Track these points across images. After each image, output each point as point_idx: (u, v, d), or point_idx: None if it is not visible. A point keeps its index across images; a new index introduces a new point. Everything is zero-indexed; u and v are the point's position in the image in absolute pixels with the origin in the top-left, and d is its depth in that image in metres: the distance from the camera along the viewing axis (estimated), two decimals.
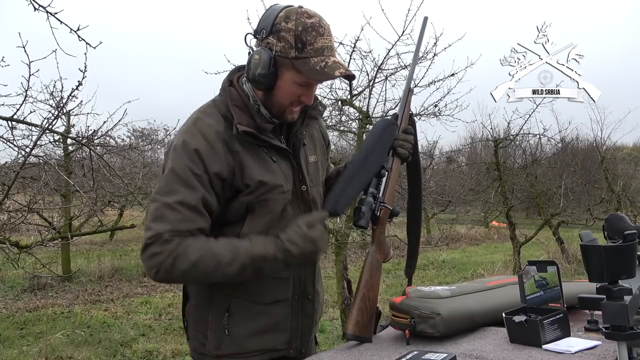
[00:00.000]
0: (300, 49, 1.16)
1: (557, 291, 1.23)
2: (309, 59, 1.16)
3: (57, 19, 2.72)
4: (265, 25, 1.18)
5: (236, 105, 1.22)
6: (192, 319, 1.32)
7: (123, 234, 11.47)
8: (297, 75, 1.18)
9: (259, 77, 1.18)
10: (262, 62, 1.16)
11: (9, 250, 3.44)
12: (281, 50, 1.16)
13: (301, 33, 1.15)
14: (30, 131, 4.54)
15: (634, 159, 13.91)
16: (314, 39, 1.16)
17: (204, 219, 1.18)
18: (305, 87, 1.22)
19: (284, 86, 1.20)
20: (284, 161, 1.27)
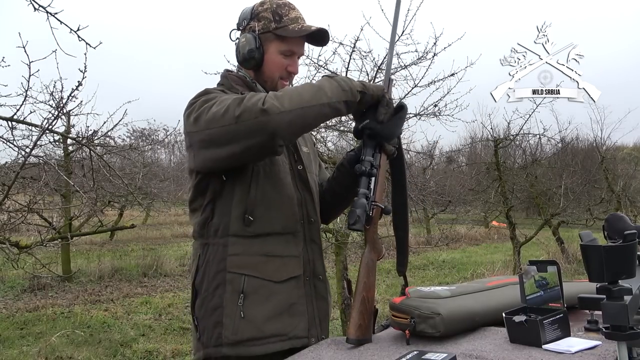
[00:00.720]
0: (278, 20, 1.33)
1: (557, 291, 1.23)
2: (287, 26, 1.33)
3: (57, 19, 2.72)
4: (245, 16, 1.37)
5: (239, 84, 1.37)
6: (203, 313, 1.30)
7: (123, 234, 11.48)
8: (281, 44, 1.34)
9: (248, 53, 1.33)
10: (248, 40, 1.33)
11: (9, 250, 3.44)
12: (263, 27, 1.33)
13: (276, 8, 1.34)
14: (30, 131, 4.55)
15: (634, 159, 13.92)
16: (288, 11, 1.35)
17: None
18: (290, 57, 1.36)
19: (271, 58, 1.35)
20: None
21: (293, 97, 1.15)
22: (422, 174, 9.36)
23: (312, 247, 1.38)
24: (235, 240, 1.28)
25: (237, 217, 1.28)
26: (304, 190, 1.38)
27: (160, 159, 19.50)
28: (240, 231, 1.28)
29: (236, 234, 1.28)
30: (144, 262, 7.95)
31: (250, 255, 1.27)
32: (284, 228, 1.31)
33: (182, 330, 4.91)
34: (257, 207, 1.28)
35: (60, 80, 3.76)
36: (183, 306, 5.84)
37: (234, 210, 1.28)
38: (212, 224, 1.30)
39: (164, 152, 22.61)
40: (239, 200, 1.28)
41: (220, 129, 1.16)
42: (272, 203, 1.30)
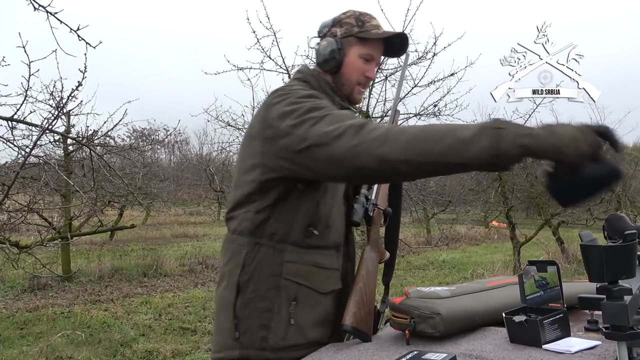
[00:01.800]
0: (361, 25, 1.36)
1: (557, 291, 1.23)
2: (369, 31, 1.36)
3: (57, 18, 2.73)
4: (326, 24, 1.40)
5: (327, 88, 1.36)
6: (248, 314, 1.25)
7: (123, 234, 11.48)
8: (362, 47, 1.36)
9: (330, 53, 1.34)
10: (329, 43, 1.35)
11: (9, 250, 3.44)
12: (345, 31, 1.36)
13: (359, 16, 1.38)
14: (30, 131, 4.55)
15: (634, 159, 13.91)
16: (370, 19, 1.38)
17: None
18: (369, 62, 1.38)
19: (351, 61, 1.36)
20: None
21: (421, 147, 1.01)
22: None
23: (347, 262, 1.40)
24: (293, 249, 1.27)
25: (300, 228, 1.27)
26: (347, 204, 1.39)
27: (160, 159, 19.52)
28: (300, 241, 1.27)
29: (295, 243, 1.27)
30: (144, 262, 7.94)
31: (304, 265, 1.28)
32: (334, 242, 1.33)
33: (182, 330, 4.91)
34: (321, 222, 1.29)
35: (60, 80, 3.78)
36: (183, 306, 5.85)
37: (298, 221, 1.27)
38: (269, 226, 1.27)
39: (164, 152, 22.64)
40: (306, 212, 1.27)
41: (328, 150, 1.08)
42: (331, 219, 1.31)
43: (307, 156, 1.13)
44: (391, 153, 1.03)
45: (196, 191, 16.23)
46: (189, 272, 7.97)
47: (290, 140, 1.14)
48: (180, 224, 14.88)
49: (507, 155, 0.97)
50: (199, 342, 4.53)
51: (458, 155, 0.99)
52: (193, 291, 6.69)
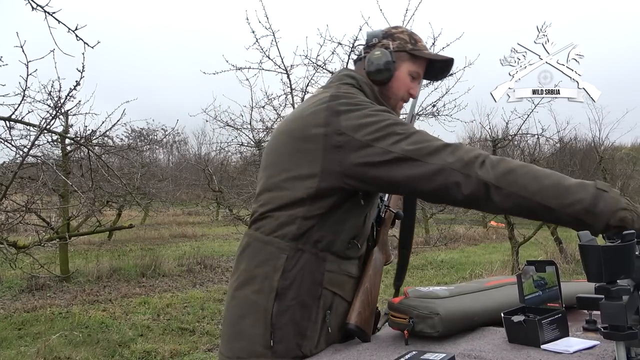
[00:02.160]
0: (414, 43, 1.39)
1: (555, 291, 1.23)
2: (422, 50, 1.40)
3: (55, 18, 2.72)
4: (375, 35, 1.41)
5: (376, 97, 1.37)
6: (286, 321, 1.20)
7: (121, 234, 11.46)
8: (413, 65, 1.38)
9: (385, 64, 1.34)
10: (384, 54, 1.35)
11: (7, 250, 3.43)
12: (398, 45, 1.38)
13: (412, 34, 1.41)
14: (28, 131, 4.53)
15: (632, 159, 13.95)
16: (420, 40, 1.42)
17: None
18: (415, 80, 1.40)
19: (401, 77, 1.38)
20: None
21: (519, 179, 1.04)
22: None
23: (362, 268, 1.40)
24: (334, 259, 1.26)
25: (345, 240, 1.26)
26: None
27: (159, 159, 19.50)
28: (341, 252, 1.27)
29: (336, 253, 1.26)
30: (142, 262, 7.93)
31: (341, 274, 1.28)
32: (359, 252, 1.34)
33: (181, 331, 4.90)
34: (363, 235, 1.31)
35: (58, 80, 3.77)
36: (181, 306, 5.84)
37: (345, 232, 1.26)
38: (315, 234, 1.23)
39: (163, 152, 22.61)
40: (353, 225, 1.27)
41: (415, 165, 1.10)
42: (365, 231, 1.33)
43: (384, 170, 1.13)
44: (485, 175, 1.05)
45: (194, 191, 16.21)
46: (187, 272, 7.96)
47: (368, 153, 1.14)
48: (179, 224, 14.86)
49: (601, 218, 1.00)
50: (197, 343, 4.53)
51: (555, 197, 1.02)
52: (191, 291, 6.69)
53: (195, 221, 16.36)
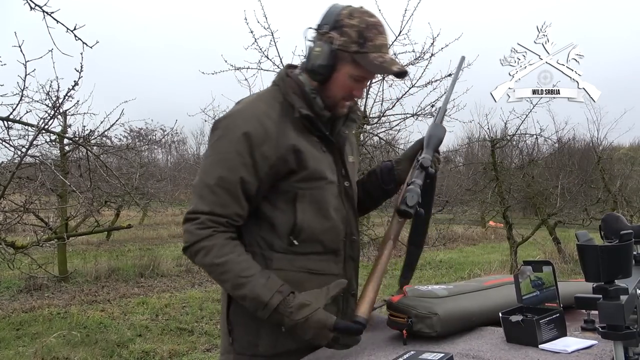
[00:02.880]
0: (362, 44, 1.22)
1: (553, 291, 1.23)
2: (369, 54, 1.22)
3: (54, 18, 2.72)
4: (328, 21, 1.24)
5: (295, 93, 1.28)
6: (240, 320, 1.27)
7: (120, 234, 11.44)
8: (355, 69, 1.24)
9: (318, 67, 1.24)
10: (323, 54, 1.23)
11: (5, 250, 3.43)
12: (343, 44, 1.22)
13: (364, 30, 1.22)
14: (26, 131, 4.52)
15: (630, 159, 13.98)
16: (375, 36, 1.23)
17: (241, 204, 1.22)
18: (359, 82, 1.28)
19: (340, 79, 1.26)
20: (331, 154, 1.32)
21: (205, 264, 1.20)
22: None
23: (350, 264, 1.36)
24: (280, 256, 1.25)
25: (282, 237, 1.26)
26: (349, 208, 1.35)
27: (157, 159, 19.48)
28: (284, 249, 1.26)
29: (280, 251, 1.26)
30: (140, 262, 7.92)
31: (294, 271, 1.25)
32: (326, 248, 1.30)
33: (179, 331, 4.90)
34: (304, 231, 1.26)
35: (56, 80, 3.77)
36: (180, 307, 5.83)
37: (279, 230, 1.26)
38: (255, 233, 1.27)
39: (161, 152, 22.61)
40: (283, 222, 1.25)
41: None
42: (317, 227, 1.27)
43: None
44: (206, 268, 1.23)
45: None
46: (186, 273, 7.95)
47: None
48: (177, 224, 14.80)
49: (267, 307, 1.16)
50: (195, 343, 4.52)
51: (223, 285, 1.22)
52: (190, 291, 6.68)
53: None
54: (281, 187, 1.25)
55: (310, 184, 1.26)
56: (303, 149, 1.24)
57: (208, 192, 1.20)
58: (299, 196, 1.24)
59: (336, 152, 1.33)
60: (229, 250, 1.18)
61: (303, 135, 1.26)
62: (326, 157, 1.30)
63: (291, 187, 1.25)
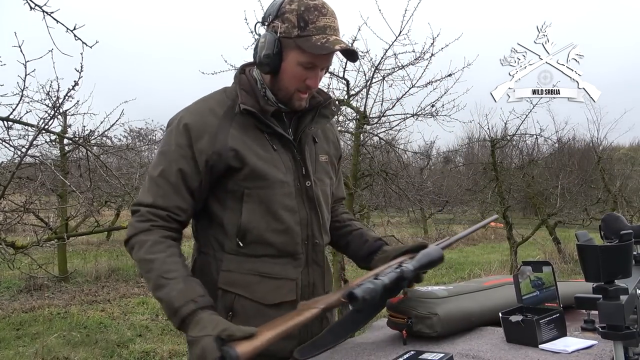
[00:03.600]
0: (303, 27, 1.17)
1: (552, 291, 1.23)
2: (311, 37, 1.16)
3: (53, 18, 2.72)
4: (272, 10, 1.21)
5: (243, 88, 1.25)
6: None
7: (120, 234, 11.42)
8: (301, 55, 1.18)
9: (264, 58, 1.19)
10: (267, 43, 1.18)
11: (5, 250, 3.42)
12: (285, 31, 1.18)
13: (303, 12, 1.17)
14: (26, 131, 4.52)
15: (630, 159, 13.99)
16: (316, 18, 1.17)
17: (182, 196, 1.19)
18: (310, 70, 1.21)
19: (289, 68, 1.20)
20: (286, 152, 1.26)
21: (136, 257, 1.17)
22: (420, 174, 9.37)
23: (314, 269, 1.29)
24: (231, 257, 1.22)
25: (231, 238, 1.22)
26: (310, 209, 1.27)
27: None
28: (235, 251, 1.22)
29: (230, 252, 1.23)
30: None
31: (242, 274, 1.21)
32: (280, 250, 1.23)
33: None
34: (250, 232, 1.21)
35: (56, 80, 3.77)
36: None
37: (228, 231, 1.22)
38: (209, 234, 1.26)
39: None
40: (231, 222, 1.22)
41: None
42: (266, 227, 1.21)
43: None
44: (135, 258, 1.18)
45: None
46: None
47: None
48: None
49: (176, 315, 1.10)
50: None
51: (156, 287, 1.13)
52: None
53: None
54: (229, 186, 1.21)
55: (255, 183, 1.20)
56: (241, 147, 1.19)
57: (152, 184, 1.20)
58: (245, 195, 1.21)
59: (294, 150, 1.26)
60: (161, 249, 1.14)
61: (250, 133, 1.22)
62: (278, 155, 1.24)
63: (237, 185, 1.21)
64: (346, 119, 5.08)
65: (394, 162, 5.96)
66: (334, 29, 1.20)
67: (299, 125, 1.30)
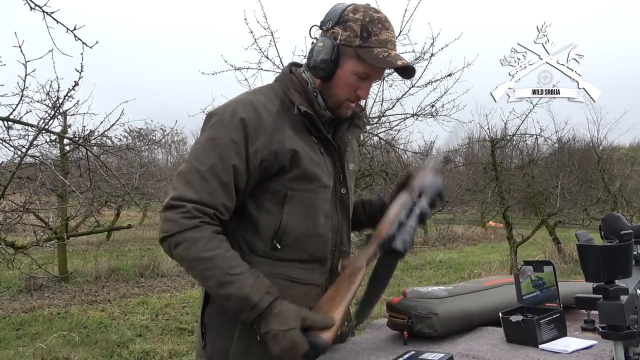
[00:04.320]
0: (365, 38, 1.17)
1: (553, 291, 1.23)
2: (373, 49, 1.17)
3: (54, 18, 2.72)
4: (333, 17, 1.21)
5: (296, 89, 1.24)
6: (214, 323, 1.23)
7: (120, 234, 11.44)
8: (359, 65, 1.19)
9: (320, 62, 1.18)
10: (325, 48, 1.18)
11: (5, 251, 3.43)
12: (346, 39, 1.18)
13: (368, 23, 1.18)
14: (26, 131, 4.52)
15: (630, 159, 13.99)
16: (380, 31, 1.18)
17: (230, 196, 1.15)
18: (364, 80, 1.22)
19: (344, 76, 1.20)
20: (329, 158, 1.26)
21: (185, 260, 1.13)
22: None
23: (336, 275, 1.26)
24: (261, 260, 1.19)
25: (265, 240, 1.19)
26: (342, 216, 1.27)
27: (157, 159, 19.48)
28: (267, 254, 1.20)
29: (262, 255, 1.20)
30: (140, 262, 7.92)
31: (273, 278, 1.17)
32: (312, 256, 1.23)
33: (179, 331, 4.90)
34: (287, 235, 1.19)
35: (56, 80, 3.77)
36: (180, 306, 5.83)
37: (263, 232, 1.19)
38: (236, 235, 1.21)
39: (161, 152, 22.61)
40: (268, 224, 1.19)
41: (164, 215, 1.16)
42: (304, 232, 1.20)
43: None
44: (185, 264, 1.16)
45: None
46: (186, 273, 7.93)
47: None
48: None
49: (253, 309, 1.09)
50: (196, 343, 4.52)
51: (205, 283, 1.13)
52: (190, 291, 6.68)
53: None
54: (271, 187, 1.18)
55: (303, 185, 1.19)
56: (298, 148, 1.18)
57: (198, 178, 1.12)
58: (289, 197, 1.18)
59: (336, 156, 1.27)
60: (217, 246, 1.10)
61: (301, 134, 1.21)
62: (323, 160, 1.23)
63: (282, 186, 1.18)
64: None
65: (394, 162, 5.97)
66: (394, 43, 1.22)
67: (336, 133, 1.30)
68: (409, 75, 1.28)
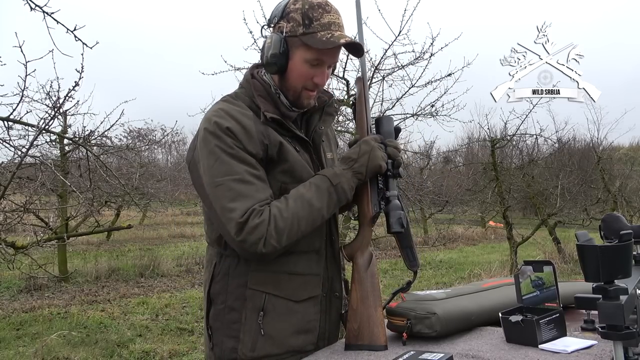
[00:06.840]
0: (308, 25, 1.20)
1: (553, 291, 1.23)
2: (316, 33, 1.19)
3: (54, 18, 2.72)
4: (277, 13, 1.24)
5: (260, 95, 1.26)
6: (220, 324, 1.26)
7: (120, 234, 11.45)
8: (307, 52, 1.21)
9: (271, 57, 1.21)
10: (274, 43, 1.21)
11: (5, 251, 3.43)
12: (290, 30, 1.21)
13: (308, 10, 1.20)
14: (26, 131, 4.52)
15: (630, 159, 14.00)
16: (321, 15, 1.20)
17: (267, 185, 1.19)
18: (317, 67, 1.23)
19: (296, 67, 1.22)
20: (305, 153, 1.29)
21: (293, 229, 1.15)
22: (420, 174, 9.39)
23: (333, 265, 1.33)
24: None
25: None
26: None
27: (157, 159, 19.50)
28: None
29: None
30: (140, 262, 7.93)
31: (272, 273, 1.22)
32: (308, 246, 1.26)
33: (179, 331, 4.90)
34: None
35: (57, 80, 3.77)
36: (180, 306, 5.84)
37: None
38: None
39: (161, 152, 22.64)
40: None
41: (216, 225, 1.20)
42: None
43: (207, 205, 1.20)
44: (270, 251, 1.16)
45: (193, 191, 16.14)
46: (186, 273, 7.96)
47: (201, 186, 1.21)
48: (177, 224, 14.85)
49: (346, 198, 1.22)
50: (196, 343, 4.53)
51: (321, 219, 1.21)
52: (190, 291, 6.68)
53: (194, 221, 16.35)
54: (269, 181, 1.21)
55: (293, 179, 1.23)
56: (283, 141, 1.22)
57: (243, 185, 1.15)
58: (283, 191, 1.21)
59: (312, 151, 1.30)
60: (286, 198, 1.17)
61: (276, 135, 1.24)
62: (302, 157, 1.27)
63: (276, 180, 1.22)
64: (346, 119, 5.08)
65: None
66: (339, 25, 1.22)
67: (309, 126, 1.33)
68: (358, 53, 1.27)
